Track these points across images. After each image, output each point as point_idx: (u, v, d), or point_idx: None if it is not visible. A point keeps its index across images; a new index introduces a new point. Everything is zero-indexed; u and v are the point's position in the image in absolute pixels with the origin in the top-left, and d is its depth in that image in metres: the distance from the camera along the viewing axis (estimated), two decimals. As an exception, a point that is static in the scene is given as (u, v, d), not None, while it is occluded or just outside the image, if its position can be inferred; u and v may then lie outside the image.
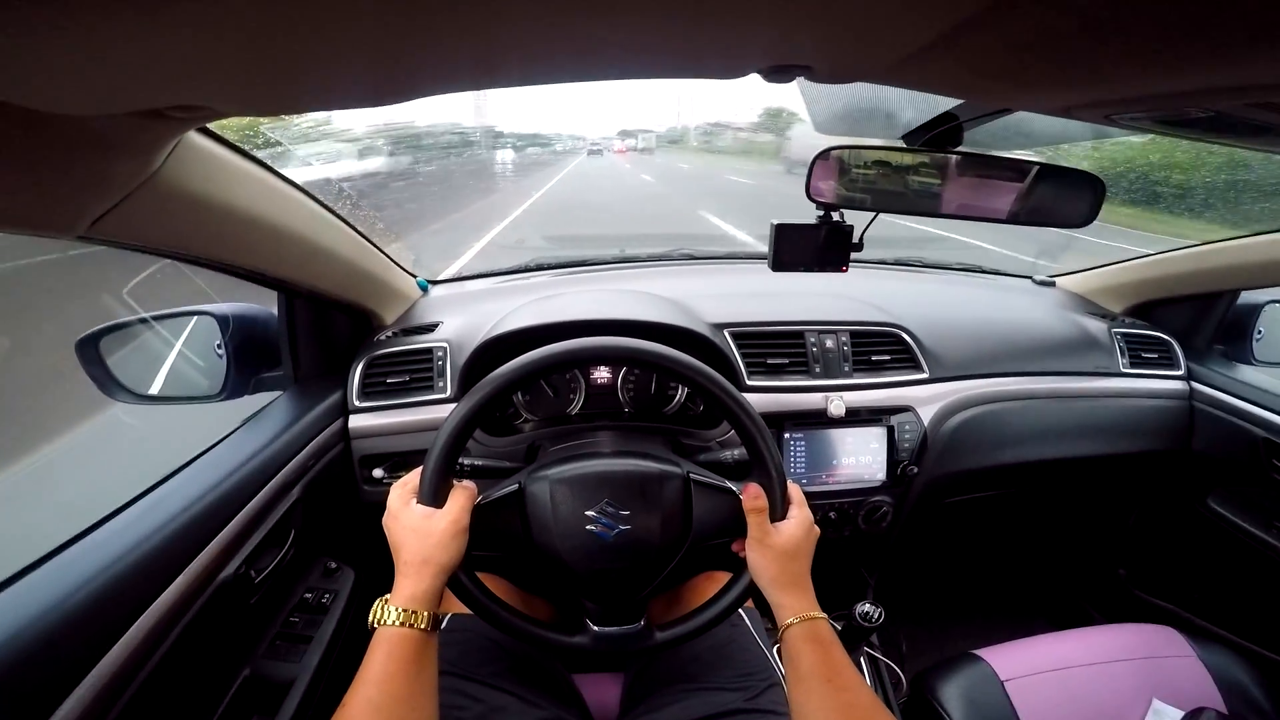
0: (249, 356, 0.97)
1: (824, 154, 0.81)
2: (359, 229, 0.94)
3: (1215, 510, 1.25)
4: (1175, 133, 0.55)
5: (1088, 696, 0.91)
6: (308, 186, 0.79)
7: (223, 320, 0.93)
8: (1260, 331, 1.27)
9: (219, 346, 0.95)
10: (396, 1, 0.25)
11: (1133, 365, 1.24)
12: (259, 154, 0.69)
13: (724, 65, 0.39)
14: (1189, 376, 1.26)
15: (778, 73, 0.39)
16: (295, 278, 0.84)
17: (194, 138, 0.57)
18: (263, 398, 0.96)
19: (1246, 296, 1.28)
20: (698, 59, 0.37)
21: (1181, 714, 0.88)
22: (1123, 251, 1.45)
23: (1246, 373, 1.24)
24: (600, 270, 1.40)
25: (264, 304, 0.98)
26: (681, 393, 1.10)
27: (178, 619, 0.62)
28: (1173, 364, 1.27)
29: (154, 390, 0.96)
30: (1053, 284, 1.49)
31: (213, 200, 0.62)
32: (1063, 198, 0.81)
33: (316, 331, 1.00)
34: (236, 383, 0.95)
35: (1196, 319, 1.30)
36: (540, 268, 1.40)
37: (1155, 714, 0.88)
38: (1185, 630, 0.99)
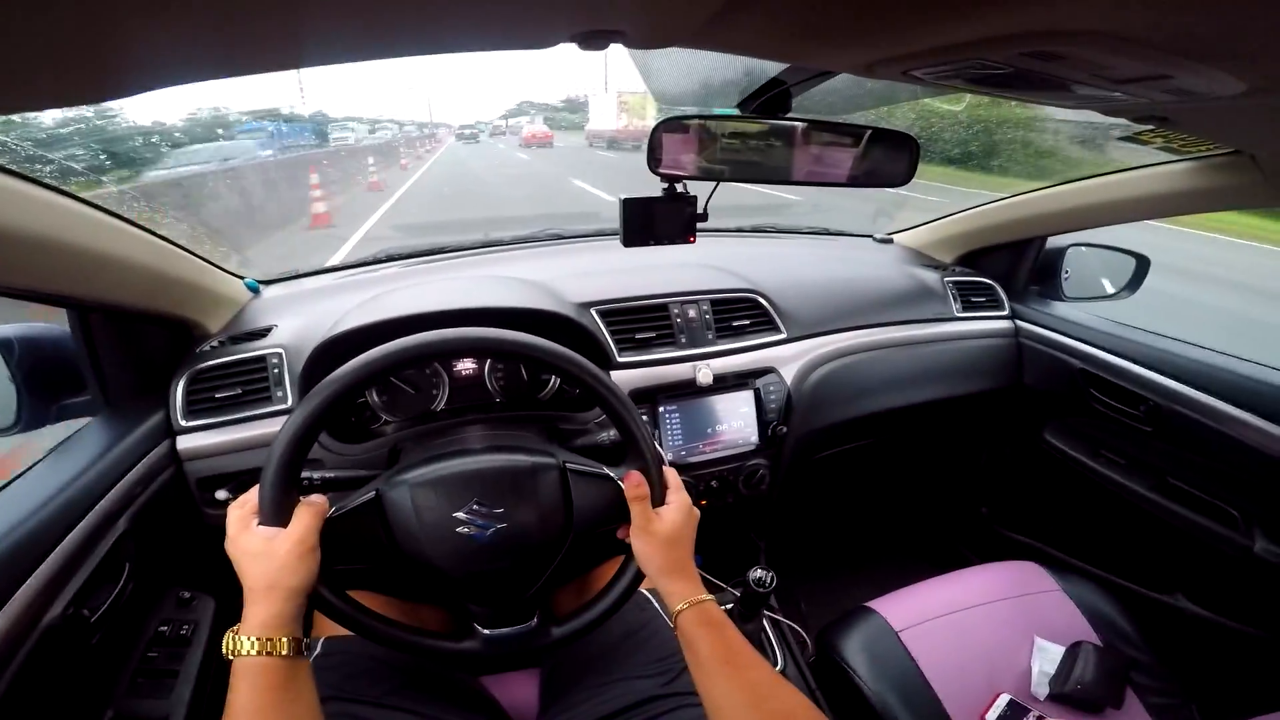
0: (45, 382, 0.85)
1: (664, 124, 0.80)
2: (158, 232, 0.85)
3: (1050, 443, 1.37)
4: (971, 89, 0.60)
5: (976, 638, 0.95)
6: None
7: (5, 344, 0.81)
8: (1067, 271, 1.43)
9: (10, 376, 0.83)
10: None
11: (965, 310, 1.36)
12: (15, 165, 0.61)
13: (534, 34, 0.38)
14: (1013, 315, 1.40)
15: (591, 39, 0.39)
16: (79, 292, 0.75)
17: None
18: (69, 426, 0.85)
19: (1052, 241, 1.43)
20: (507, 28, 0.36)
21: (1063, 649, 0.93)
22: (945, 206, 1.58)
23: (1060, 309, 1.39)
24: (462, 257, 1.35)
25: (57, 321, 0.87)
26: (556, 378, 1.09)
27: (3, 668, 0.57)
28: (998, 305, 1.40)
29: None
30: (891, 240, 1.61)
31: None
32: (887, 159, 0.86)
33: (124, 348, 0.89)
34: (33, 412, 0.83)
35: (1014, 263, 1.45)
36: (391, 259, 1.33)
37: (1040, 650, 0.94)
38: (1047, 564, 1.06)
